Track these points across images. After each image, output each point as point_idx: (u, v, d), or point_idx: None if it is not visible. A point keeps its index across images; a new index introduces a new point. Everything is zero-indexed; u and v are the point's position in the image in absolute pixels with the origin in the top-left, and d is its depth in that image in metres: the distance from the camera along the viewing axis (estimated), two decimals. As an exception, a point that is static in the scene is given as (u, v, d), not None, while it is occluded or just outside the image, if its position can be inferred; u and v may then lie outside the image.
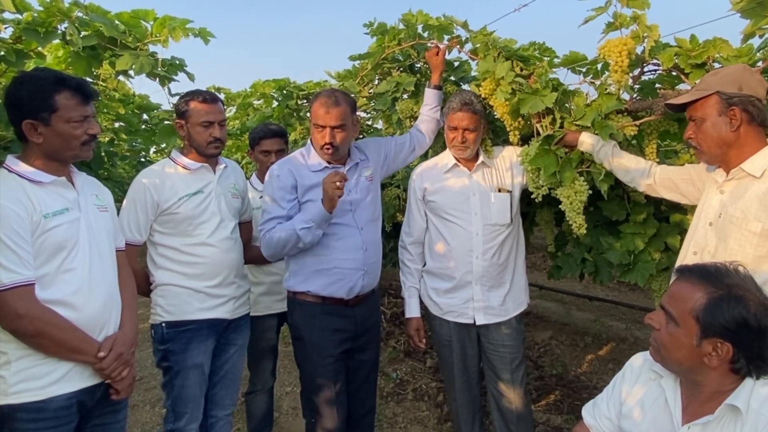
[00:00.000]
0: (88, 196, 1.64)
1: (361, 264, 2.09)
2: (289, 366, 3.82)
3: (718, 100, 1.45)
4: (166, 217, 2.00)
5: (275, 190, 2.04)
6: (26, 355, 1.43)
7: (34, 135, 1.48)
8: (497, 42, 2.07)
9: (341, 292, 2.06)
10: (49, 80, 1.48)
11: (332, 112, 1.99)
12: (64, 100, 1.49)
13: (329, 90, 2.10)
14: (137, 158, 4.66)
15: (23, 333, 1.41)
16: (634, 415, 1.30)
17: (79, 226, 1.55)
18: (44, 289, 1.45)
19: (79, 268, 1.52)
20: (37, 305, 1.42)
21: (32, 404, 1.42)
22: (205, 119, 2.02)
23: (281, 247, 1.99)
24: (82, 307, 1.51)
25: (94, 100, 1.57)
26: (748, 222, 1.40)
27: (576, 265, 2.27)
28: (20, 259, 1.40)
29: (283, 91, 3.32)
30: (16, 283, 1.39)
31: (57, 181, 1.53)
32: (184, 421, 2.02)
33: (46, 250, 1.46)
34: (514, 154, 2.21)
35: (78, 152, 1.55)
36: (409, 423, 3.13)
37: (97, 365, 1.53)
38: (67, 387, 1.48)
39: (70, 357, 1.49)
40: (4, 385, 1.40)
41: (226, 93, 5.18)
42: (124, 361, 1.59)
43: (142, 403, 3.47)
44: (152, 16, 2.07)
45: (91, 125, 1.55)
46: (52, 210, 1.49)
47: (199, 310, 2.02)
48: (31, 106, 1.46)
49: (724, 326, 1.10)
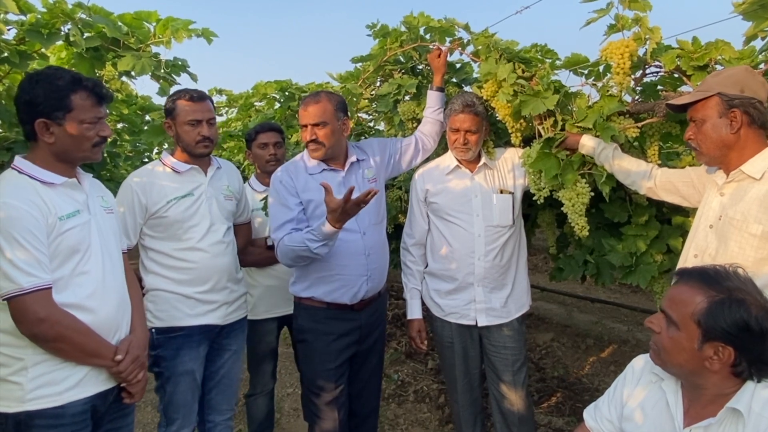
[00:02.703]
0: (95, 198, 1.63)
1: (364, 270, 2.06)
2: (290, 367, 3.82)
3: (719, 101, 1.44)
4: (155, 221, 1.97)
5: (281, 194, 2.02)
6: (43, 361, 1.41)
7: (45, 135, 1.46)
8: (499, 44, 2.07)
9: (345, 299, 2.05)
10: (65, 79, 1.47)
11: (310, 109, 1.98)
12: (80, 100, 1.47)
13: (316, 91, 2.10)
14: (140, 159, 4.67)
15: (43, 337, 1.39)
16: (635, 417, 1.30)
17: (91, 229, 1.54)
18: (59, 293, 1.42)
19: (92, 270, 1.51)
20: (57, 309, 1.40)
21: (50, 410, 1.40)
22: (193, 117, 1.99)
23: (299, 259, 1.95)
24: (98, 311, 1.50)
25: (108, 102, 1.57)
26: (748, 224, 1.40)
27: (578, 267, 2.26)
28: (38, 262, 1.38)
29: (284, 93, 3.32)
30: (36, 286, 1.36)
31: (68, 183, 1.51)
32: (176, 426, 2.01)
33: (62, 253, 1.44)
34: (515, 156, 2.21)
35: (89, 154, 1.54)
36: (410, 425, 3.13)
37: (114, 369, 1.52)
38: (84, 392, 1.47)
39: (87, 361, 1.47)
40: (21, 392, 1.38)
41: (228, 95, 5.19)
42: (140, 363, 1.59)
43: (144, 404, 3.47)
44: (155, 17, 2.08)
45: (103, 127, 1.54)
46: (65, 212, 1.47)
47: (189, 317, 1.99)
48: (46, 104, 1.44)
49: (725, 330, 1.10)
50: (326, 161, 2.08)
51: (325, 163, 2.08)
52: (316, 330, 2.06)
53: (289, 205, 2.00)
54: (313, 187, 2.01)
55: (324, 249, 1.89)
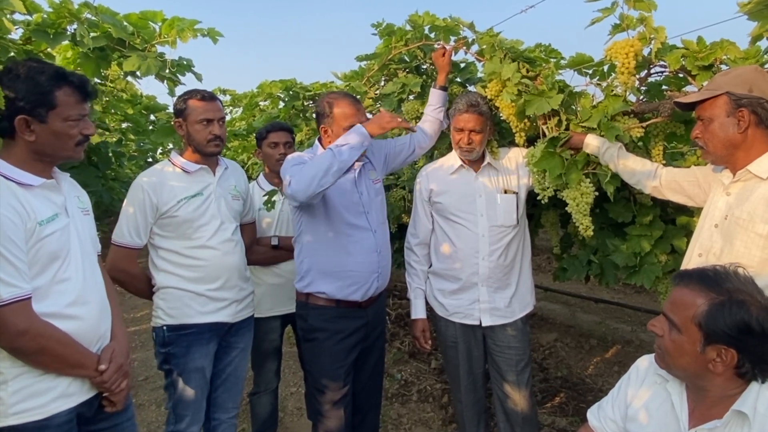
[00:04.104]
0: (72, 199, 1.53)
1: (376, 267, 2.09)
2: (293, 366, 3.82)
3: (727, 100, 1.44)
4: (165, 220, 1.98)
5: (302, 156, 2.01)
6: (23, 373, 1.33)
7: (26, 132, 1.37)
8: (503, 43, 2.07)
9: (356, 296, 2.06)
10: (48, 74, 1.38)
11: (361, 107, 2.04)
12: (64, 96, 1.39)
13: (341, 91, 2.12)
14: (144, 158, 4.68)
15: (24, 351, 1.31)
16: (639, 417, 1.30)
17: (70, 233, 1.45)
18: (39, 302, 1.33)
19: (73, 277, 1.43)
20: (38, 320, 1.32)
21: (35, 423, 1.33)
22: (204, 116, 2.00)
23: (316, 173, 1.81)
24: (80, 318, 1.43)
25: (93, 99, 1.50)
26: (754, 224, 1.39)
27: (581, 267, 2.26)
28: (18, 271, 1.28)
29: (289, 92, 3.32)
30: (15, 297, 1.27)
31: (46, 184, 1.42)
32: (185, 423, 2.01)
33: (41, 259, 1.35)
34: (520, 156, 2.21)
35: (71, 153, 1.46)
36: (413, 424, 3.13)
37: (98, 379, 1.45)
38: (68, 402, 1.40)
39: (69, 372, 1.40)
40: (2, 407, 1.30)
41: (232, 94, 5.20)
42: (123, 372, 1.53)
43: (148, 402, 3.48)
44: (161, 17, 2.08)
45: (87, 125, 1.46)
46: (45, 216, 1.37)
47: (199, 314, 2.01)
48: (27, 100, 1.35)
49: (727, 332, 1.09)
50: None
51: None
52: (326, 329, 2.06)
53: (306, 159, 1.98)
54: None
55: (354, 153, 1.85)
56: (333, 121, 2.03)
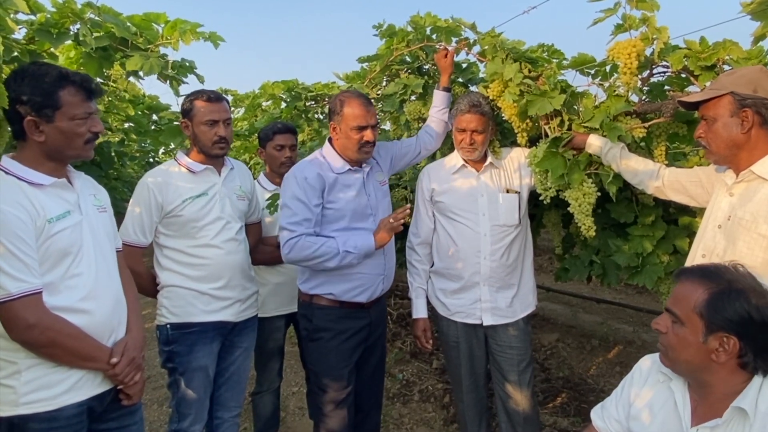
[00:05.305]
0: (87, 197, 1.58)
1: (382, 269, 2.12)
2: (295, 366, 3.82)
3: (731, 100, 1.44)
4: (170, 220, 1.99)
5: (304, 191, 1.97)
6: (37, 364, 1.38)
7: (35, 133, 1.42)
8: (505, 44, 2.07)
9: (362, 298, 2.07)
10: (52, 75, 1.42)
11: (371, 110, 2.03)
12: (69, 96, 1.43)
13: (356, 91, 2.12)
14: (146, 158, 4.70)
15: (34, 343, 1.36)
16: (642, 417, 1.30)
17: (82, 230, 1.49)
18: (51, 296, 1.39)
19: (85, 272, 1.47)
20: (48, 314, 1.37)
21: (45, 414, 1.38)
22: (210, 118, 2.01)
23: (315, 259, 1.93)
24: (93, 312, 1.47)
25: (98, 96, 1.53)
26: (757, 225, 1.39)
27: (583, 267, 2.26)
28: (26, 266, 1.34)
29: (291, 93, 3.33)
30: (25, 292, 1.33)
31: (57, 183, 1.47)
32: (188, 422, 2.02)
33: (52, 256, 1.40)
34: (522, 155, 2.21)
35: (81, 151, 1.50)
36: (415, 424, 3.13)
37: (110, 372, 1.49)
38: (79, 395, 1.44)
39: (82, 365, 1.44)
40: (15, 396, 1.36)
41: (233, 94, 5.21)
42: (136, 365, 1.56)
43: (150, 401, 3.49)
44: (164, 19, 2.09)
45: (95, 123, 1.50)
46: (55, 214, 1.42)
47: (203, 313, 2.02)
48: (33, 102, 1.39)
49: (727, 319, 1.12)
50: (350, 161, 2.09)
51: (349, 162, 2.09)
52: (331, 329, 2.06)
53: (310, 206, 1.97)
54: (336, 186, 2.04)
55: (348, 257, 1.96)
56: (342, 119, 2.03)
